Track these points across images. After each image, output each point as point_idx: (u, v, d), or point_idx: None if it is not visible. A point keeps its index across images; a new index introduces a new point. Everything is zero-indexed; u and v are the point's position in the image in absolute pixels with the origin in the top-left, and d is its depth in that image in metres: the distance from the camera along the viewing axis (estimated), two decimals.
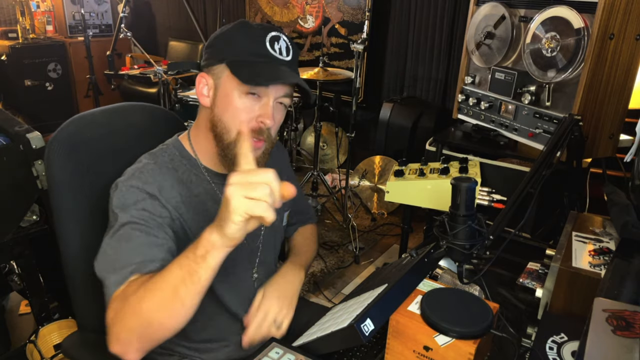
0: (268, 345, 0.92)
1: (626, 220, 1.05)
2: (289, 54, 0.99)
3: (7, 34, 4.33)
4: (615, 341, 0.69)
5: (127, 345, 0.83)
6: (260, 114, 0.96)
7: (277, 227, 1.19)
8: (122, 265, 0.88)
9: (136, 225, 0.92)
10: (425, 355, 0.83)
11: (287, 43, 0.99)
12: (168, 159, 1.04)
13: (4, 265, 1.91)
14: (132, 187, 0.96)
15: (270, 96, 0.96)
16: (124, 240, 0.91)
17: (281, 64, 0.97)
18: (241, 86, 0.95)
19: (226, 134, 0.98)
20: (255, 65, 0.95)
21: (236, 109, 0.96)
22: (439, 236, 0.94)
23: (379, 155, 3.36)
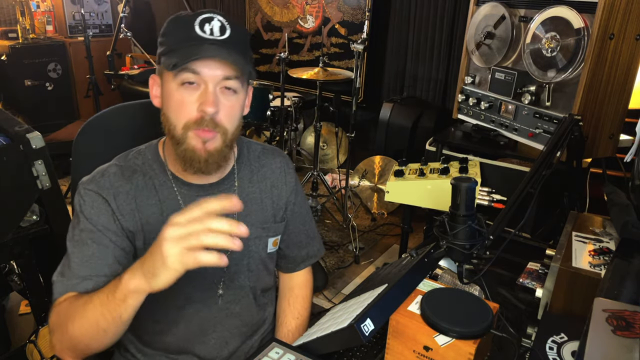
0: (268, 345, 0.92)
1: (626, 220, 1.05)
2: (223, 33, 0.91)
3: (7, 34, 4.33)
4: (615, 341, 0.69)
5: (62, 352, 0.89)
6: (200, 102, 0.90)
7: (253, 251, 1.10)
8: (69, 274, 0.92)
9: (90, 233, 0.94)
10: (425, 355, 0.83)
11: (223, 23, 0.92)
12: (140, 161, 1.02)
13: (4, 265, 1.91)
14: (90, 190, 0.96)
15: (207, 82, 0.90)
16: (77, 248, 0.94)
17: (210, 43, 0.90)
18: (175, 77, 0.90)
19: (174, 131, 0.93)
20: (180, 50, 0.89)
21: (176, 101, 0.91)
22: (439, 236, 0.94)
23: (379, 155, 3.36)
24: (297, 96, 3.36)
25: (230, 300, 1.09)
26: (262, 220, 1.10)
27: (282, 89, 2.96)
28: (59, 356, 0.90)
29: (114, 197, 0.96)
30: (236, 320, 1.11)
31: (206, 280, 1.06)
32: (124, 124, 1.20)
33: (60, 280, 0.92)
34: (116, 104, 1.21)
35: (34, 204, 1.61)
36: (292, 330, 1.20)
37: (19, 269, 1.78)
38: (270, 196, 1.12)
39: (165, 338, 1.07)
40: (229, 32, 0.92)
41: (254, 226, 1.07)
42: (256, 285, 1.13)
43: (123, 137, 1.15)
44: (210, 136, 0.92)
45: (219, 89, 0.92)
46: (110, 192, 0.96)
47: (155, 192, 1.00)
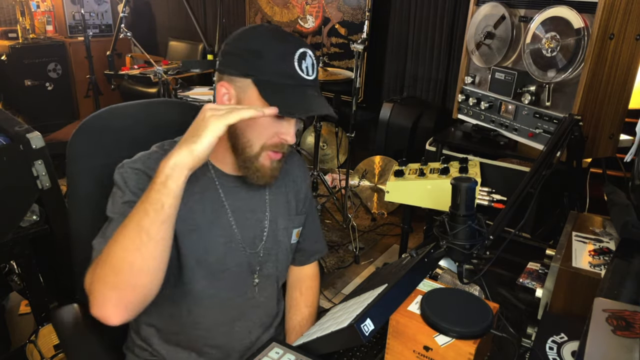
0: (268, 346, 0.92)
1: (626, 220, 1.05)
2: (313, 71, 0.97)
3: (7, 34, 4.34)
4: (615, 341, 0.69)
5: (106, 304, 0.82)
6: (283, 132, 0.98)
7: (282, 241, 1.15)
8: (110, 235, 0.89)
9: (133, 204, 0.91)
10: (425, 355, 0.83)
11: (313, 60, 0.97)
12: None
13: (4, 265, 1.91)
14: (136, 169, 0.98)
15: (294, 119, 0.99)
16: (120, 215, 0.93)
17: (308, 86, 0.96)
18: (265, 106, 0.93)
19: (248, 148, 0.99)
20: (284, 89, 0.94)
21: (261, 127, 0.97)
22: (439, 236, 0.94)
23: (379, 155, 3.36)
24: None
25: (262, 290, 1.14)
26: (288, 212, 1.16)
27: None
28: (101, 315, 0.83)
29: None
30: (260, 310, 1.15)
31: (243, 270, 1.09)
32: (119, 125, 1.19)
33: (100, 241, 0.91)
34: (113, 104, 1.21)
35: (34, 204, 1.61)
36: (306, 318, 1.24)
37: (19, 269, 1.78)
38: (292, 190, 1.19)
39: (192, 331, 1.08)
40: (315, 70, 0.98)
41: (282, 217, 1.14)
42: (280, 276, 1.18)
43: (118, 138, 1.15)
44: (279, 157, 1.02)
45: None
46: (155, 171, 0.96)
47: (196, 180, 1.03)
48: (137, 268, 0.82)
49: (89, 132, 1.13)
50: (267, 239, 1.11)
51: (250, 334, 1.14)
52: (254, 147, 0.99)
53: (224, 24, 3.83)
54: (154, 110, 1.26)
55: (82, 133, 1.13)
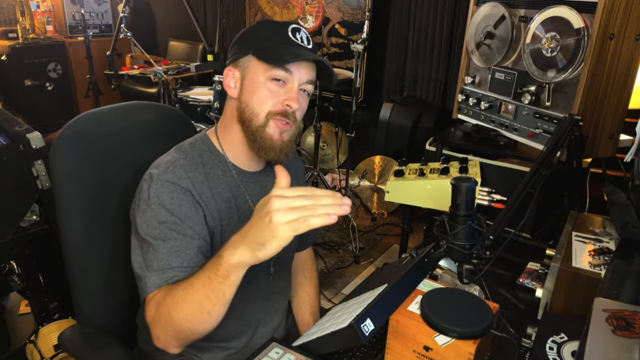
0: (268, 345, 0.92)
1: (626, 220, 1.05)
2: (310, 43, 1.04)
3: (7, 34, 4.33)
4: (615, 341, 0.69)
5: (167, 343, 0.92)
6: (286, 97, 1.00)
7: None
8: (160, 266, 0.93)
9: (173, 225, 0.95)
10: (425, 355, 0.83)
11: (307, 35, 1.05)
12: (197, 153, 1.06)
13: (4, 265, 1.91)
14: (168, 182, 0.97)
15: (294, 81, 1.01)
16: (160, 239, 0.94)
17: (305, 49, 1.02)
18: (267, 72, 1.00)
19: (255, 118, 1.01)
20: (280, 48, 1.00)
21: (263, 93, 1.00)
22: (439, 236, 0.94)
23: (379, 155, 3.36)
24: None
25: (279, 278, 1.19)
26: None
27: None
28: (164, 348, 0.92)
29: (193, 186, 1.00)
30: (280, 295, 1.21)
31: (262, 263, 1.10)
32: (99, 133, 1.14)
33: (150, 274, 0.93)
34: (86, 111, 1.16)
35: (34, 204, 1.61)
36: (314, 298, 1.33)
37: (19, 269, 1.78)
38: (296, 184, 1.22)
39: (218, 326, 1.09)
40: (312, 43, 1.05)
41: None
42: (290, 262, 1.25)
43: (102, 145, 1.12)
44: (287, 128, 1.03)
45: (299, 90, 1.03)
46: (188, 182, 0.99)
47: (220, 181, 1.06)
48: (197, 332, 0.89)
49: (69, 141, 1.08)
50: None
51: (272, 320, 1.19)
52: (260, 116, 1.01)
53: (224, 24, 3.83)
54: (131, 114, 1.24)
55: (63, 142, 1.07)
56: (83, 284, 1.11)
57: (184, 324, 0.87)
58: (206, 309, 0.85)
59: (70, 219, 1.08)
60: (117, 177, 1.10)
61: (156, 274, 0.93)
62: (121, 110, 1.21)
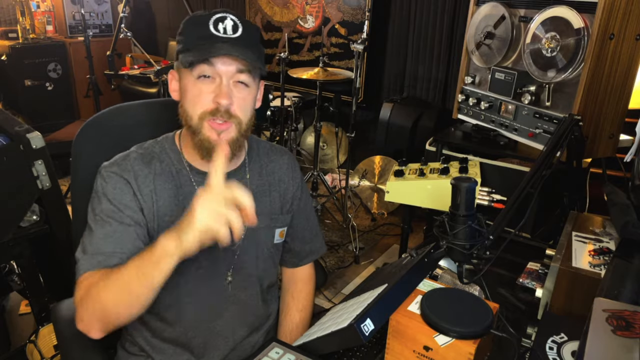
0: (268, 345, 0.92)
1: (626, 220, 1.05)
2: (236, 31, 0.99)
3: (7, 34, 4.33)
4: (615, 341, 0.69)
5: (90, 325, 0.93)
6: (215, 94, 0.98)
7: (262, 240, 1.14)
8: (93, 250, 0.96)
9: (111, 212, 0.99)
10: (425, 355, 0.83)
11: (235, 21, 0.99)
12: (158, 149, 1.08)
13: (4, 265, 1.91)
14: (112, 173, 1.02)
15: (221, 75, 0.98)
16: (99, 225, 0.98)
17: (222, 41, 0.97)
18: (190, 72, 0.99)
19: (191, 121, 1.01)
20: (196, 48, 0.97)
21: (193, 93, 1.00)
22: (439, 236, 0.94)
23: (379, 155, 3.36)
24: (297, 96, 3.36)
25: (238, 288, 1.13)
26: (270, 211, 1.16)
27: (282, 89, 2.96)
28: (85, 330, 0.93)
29: (135, 178, 1.02)
30: (241, 308, 1.14)
31: (216, 266, 1.09)
32: (123, 124, 1.22)
33: (84, 257, 0.96)
34: (116, 104, 1.23)
35: (34, 204, 1.61)
36: (297, 323, 1.23)
37: (19, 269, 1.78)
38: (277, 189, 1.18)
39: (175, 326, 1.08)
40: (241, 30, 1.00)
41: (263, 216, 1.12)
42: (263, 275, 1.17)
43: (121, 137, 1.16)
44: (225, 127, 1.00)
45: (232, 82, 0.99)
46: (131, 174, 1.02)
47: (172, 178, 1.06)
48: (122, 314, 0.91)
49: (93, 131, 1.16)
50: (245, 238, 1.10)
51: (234, 333, 1.12)
52: (194, 118, 1.00)
53: None
54: (156, 110, 1.28)
55: (86, 132, 1.16)
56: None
57: (110, 305, 0.90)
58: (135, 291, 0.88)
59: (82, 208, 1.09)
60: None
61: (89, 257, 0.96)
62: (145, 106, 1.28)
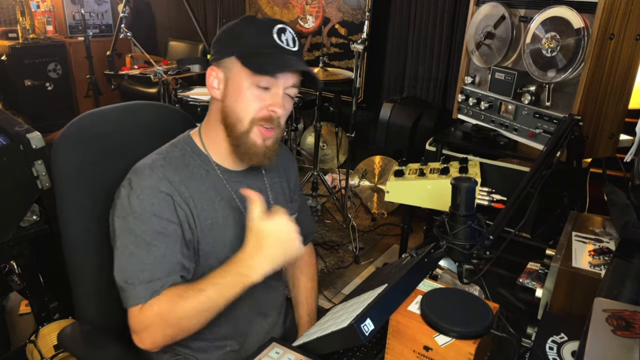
0: (268, 345, 0.92)
1: (626, 220, 1.05)
2: (295, 44, 1.02)
3: (7, 34, 4.33)
4: (615, 341, 0.69)
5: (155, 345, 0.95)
6: (271, 103, 1.00)
7: None
8: (146, 277, 0.94)
9: (154, 233, 0.96)
10: (425, 355, 0.83)
11: (293, 35, 1.02)
12: (179, 154, 1.05)
13: (4, 265, 1.91)
14: (147, 187, 0.97)
15: (279, 86, 1.00)
16: (145, 250, 0.95)
17: (289, 54, 1.00)
18: (252, 77, 0.98)
19: (239, 124, 1.01)
20: (265, 55, 0.98)
21: (248, 99, 0.99)
22: (439, 236, 0.94)
23: (379, 155, 3.36)
24: (297, 96, 3.35)
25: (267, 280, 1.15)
26: (285, 200, 1.21)
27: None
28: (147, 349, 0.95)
29: (171, 185, 0.99)
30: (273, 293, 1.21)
31: None
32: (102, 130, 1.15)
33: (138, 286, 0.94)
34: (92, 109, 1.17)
35: (34, 204, 1.61)
36: (309, 289, 1.30)
37: (19, 269, 1.78)
38: (285, 180, 1.23)
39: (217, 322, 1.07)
40: (298, 44, 1.03)
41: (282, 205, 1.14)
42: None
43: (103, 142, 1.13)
44: (271, 135, 1.03)
45: (284, 93, 1.02)
46: (165, 182, 0.99)
47: (203, 181, 1.05)
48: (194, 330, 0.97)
49: (72, 138, 1.09)
50: None
51: (266, 318, 1.18)
52: (244, 122, 1.00)
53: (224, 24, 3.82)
54: (136, 113, 1.24)
55: (65, 140, 1.08)
56: (83, 283, 1.12)
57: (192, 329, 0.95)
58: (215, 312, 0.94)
59: (71, 218, 1.08)
60: (118, 176, 1.09)
61: (145, 285, 0.94)
62: (123, 109, 1.21)
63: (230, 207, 1.07)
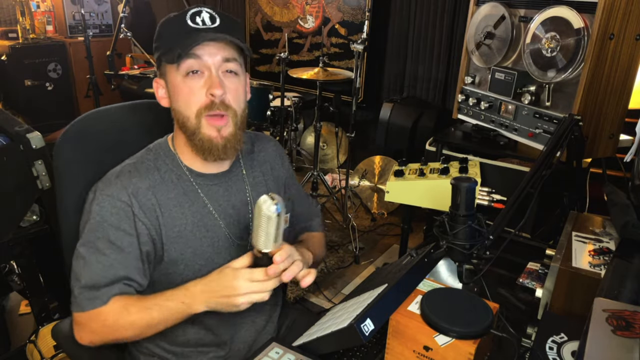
0: (268, 345, 0.92)
1: (626, 220, 1.05)
2: (214, 22, 0.97)
3: (7, 34, 4.33)
4: (615, 341, 0.69)
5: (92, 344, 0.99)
6: (207, 87, 0.95)
7: None
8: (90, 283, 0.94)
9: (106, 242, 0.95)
10: (425, 355, 0.83)
11: (212, 13, 0.97)
12: (152, 157, 1.05)
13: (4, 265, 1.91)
14: (108, 196, 0.97)
15: (210, 67, 0.95)
16: (94, 256, 0.95)
17: (204, 32, 0.95)
18: (178, 70, 0.96)
19: (188, 122, 0.98)
20: (179, 43, 0.94)
21: (184, 92, 0.97)
22: (439, 236, 0.94)
23: (379, 155, 3.36)
24: (297, 96, 3.36)
25: None
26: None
27: (282, 89, 2.96)
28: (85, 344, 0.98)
29: (134, 196, 0.98)
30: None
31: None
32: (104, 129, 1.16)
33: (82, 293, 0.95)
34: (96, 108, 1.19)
35: (34, 204, 1.61)
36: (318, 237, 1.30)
37: (19, 269, 1.78)
38: (271, 177, 1.18)
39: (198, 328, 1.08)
40: (219, 20, 0.97)
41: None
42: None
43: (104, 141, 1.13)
44: (223, 122, 0.98)
45: (222, 72, 0.97)
46: (128, 192, 0.97)
47: (174, 186, 1.02)
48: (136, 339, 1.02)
49: (75, 137, 1.10)
50: None
51: (254, 323, 1.15)
52: (191, 118, 0.97)
53: None
54: (139, 112, 1.24)
55: (68, 138, 1.09)
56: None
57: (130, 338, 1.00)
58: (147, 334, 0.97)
59: (71, 216, 1.08)
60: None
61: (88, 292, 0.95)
62: (126, 109, 1.22)
63: (202, 213, 1.04)
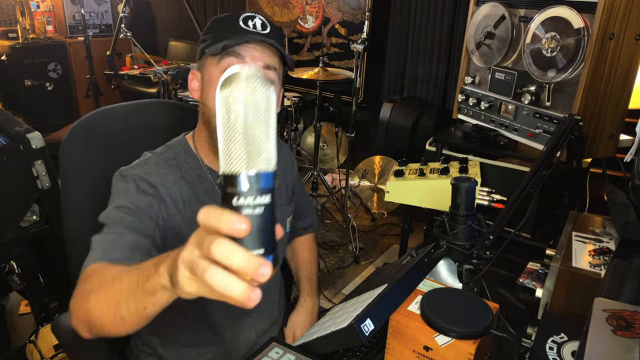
0: (268, 345, 0.91)
1: (626, 220, 1.05)
2: (265, 29, 0.97)
3: (7, 34, 4.33)
4: (615, 341, 0.69)
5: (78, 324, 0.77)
6: None
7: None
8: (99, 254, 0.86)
9: (127, 220, 0.90)
10: (425, 355, 0.83)
11: (263, 21, 0.98)
12: (172, 155, 1.03)
13: (4, 265, 1.91)
14: (136, 176, 0.96)
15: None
16: (112, 229, 0.89)
17: (254, 34, 0.95)
18: (219, 65, 0.96)
19: (214, 118, 0.90)
20: (228, 38, 0.95)
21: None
22: (439, 236, 0.94)
23: (379, 155, 3.36)
24: (297, 96, 3.36)
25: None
26: (282, 202, 1.18)
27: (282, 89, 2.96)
28: (75, 327, 0.78)
29: (161, 182, 0.97)
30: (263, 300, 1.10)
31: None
32: (112, 127, 1.17)
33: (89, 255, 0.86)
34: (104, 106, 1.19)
35: (34, 204, 1.61)
36: (309, 260, 1.33)
37: (19, 269, 1.78)
38: (284, 181, 1.21)
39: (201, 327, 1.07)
40: (270, 28, 0.98)
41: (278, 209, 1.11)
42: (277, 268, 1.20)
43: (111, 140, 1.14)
44: None
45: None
46: (156, 177, 0.97)
47: (194, 186, 1.02)
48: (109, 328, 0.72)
49: (81, 135, 1.11)
50: None
51: (255, 326, 1.14)
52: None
53: None
54: (146, 112, 1.25)
55: (74, 136, 1.10)
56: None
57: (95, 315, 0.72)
58: (120, 314, 0.67)
59: (75, 214, 1.09)
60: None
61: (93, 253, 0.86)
62: (133, 108, 1.23)
63: None
